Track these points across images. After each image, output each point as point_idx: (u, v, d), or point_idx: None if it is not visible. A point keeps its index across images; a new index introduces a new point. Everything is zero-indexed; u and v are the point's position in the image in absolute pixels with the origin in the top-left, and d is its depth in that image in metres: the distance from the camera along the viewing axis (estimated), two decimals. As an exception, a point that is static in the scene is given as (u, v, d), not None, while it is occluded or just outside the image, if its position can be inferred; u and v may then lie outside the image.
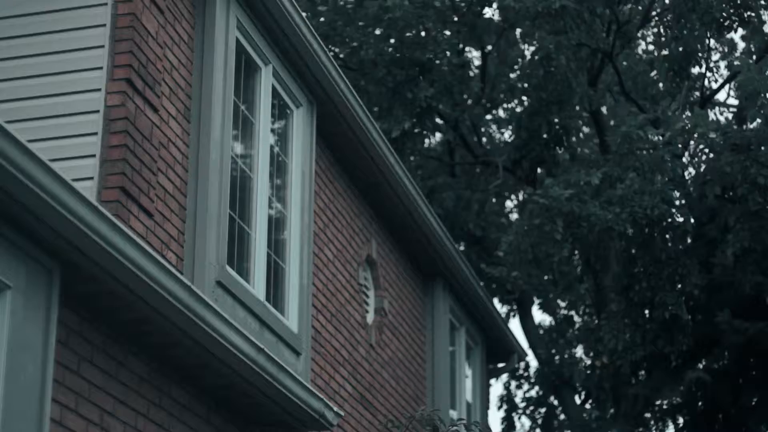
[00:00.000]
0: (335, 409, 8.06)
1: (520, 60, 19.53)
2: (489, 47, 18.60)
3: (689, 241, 14.86)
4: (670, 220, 14.28)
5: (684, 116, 14.54)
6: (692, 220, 14.55)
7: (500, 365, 15.51)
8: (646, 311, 14.88)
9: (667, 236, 14.51)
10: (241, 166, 8.17)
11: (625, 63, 18.48)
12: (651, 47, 19.46)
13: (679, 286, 14.46)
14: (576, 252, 15.00)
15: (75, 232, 5.33)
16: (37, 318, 5.35)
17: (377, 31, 16.58)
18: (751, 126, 15.09)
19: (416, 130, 16.64)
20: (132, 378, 6.28)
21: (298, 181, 9.02)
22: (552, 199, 13.92)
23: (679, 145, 14.23)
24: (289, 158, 9.04)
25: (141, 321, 6.13)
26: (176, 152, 7.31)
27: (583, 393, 20.20)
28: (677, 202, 14.56)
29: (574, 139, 19.15)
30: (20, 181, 4.95)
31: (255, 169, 8.34)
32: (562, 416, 20.29)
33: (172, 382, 6.72)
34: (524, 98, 18.59)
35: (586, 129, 20.40)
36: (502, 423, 21.05)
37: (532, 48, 16.69)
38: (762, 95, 13.76)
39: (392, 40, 16.39)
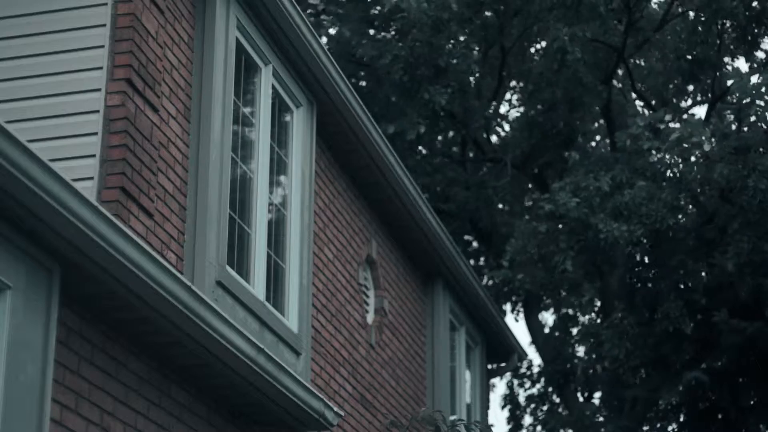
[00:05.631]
0: (335, 409, 8.06)
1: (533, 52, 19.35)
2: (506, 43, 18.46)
3: (693, 243, 14.81)
4: (676, 226, 14.18)
5: (678, 126, 14.47)
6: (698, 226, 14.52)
7: (500, 365, 15.51)
8: (650, 316, 14.86)
9: (673, 242, 14.46)
10: (241, 166, 8.17)
11: (640, 61, 18.42)
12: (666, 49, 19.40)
13: (682, 292, 14.40)
14: (580, 254, 14.96)
15: (75, 232, 5.33)
16: (37, 318, 5.35)
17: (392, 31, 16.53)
18: (747, 131, 15.01)
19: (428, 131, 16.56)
20: (132, 378, 6.28)
21: (298, 181, 9.02)
22: (559, 205, 13.89)
23: (676, 157, 14.11)
24: (289, 158, 9.03)
25: (141, 321, 6.13)
26: (176, 152, 7.31)
27: (585, 391, 20.18)
28: (681, 205, 14.47)
29: (580, 140, 19.08)
30: (20, 181, 4.94)
31: (255, 169, 8.34)
32: (565, 412, 20.26)
33: (172, 382, 6.71)
34: (536, 96, 18.48)
35: (598, 123, 20.27)
36: (508, 423, 21.02)
37: (545, 44, 16.58)
38: (756, 103, 13.67)
39: (400, 39, 16.29)
